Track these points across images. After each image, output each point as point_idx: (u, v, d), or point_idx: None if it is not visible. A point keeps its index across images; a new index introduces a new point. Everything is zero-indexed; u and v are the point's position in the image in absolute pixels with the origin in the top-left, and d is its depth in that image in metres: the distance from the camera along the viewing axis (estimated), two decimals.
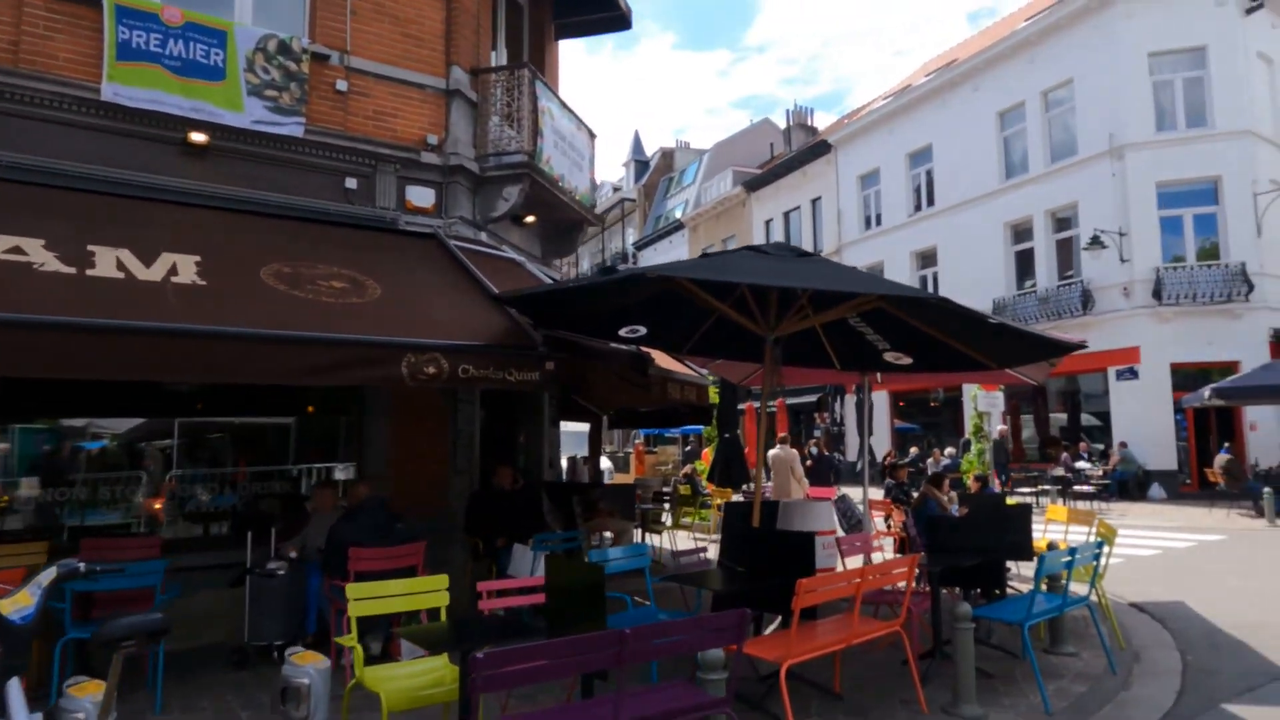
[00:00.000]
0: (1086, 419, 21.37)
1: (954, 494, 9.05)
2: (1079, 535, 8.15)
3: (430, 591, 4.34)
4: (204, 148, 6.90)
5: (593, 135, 10.09)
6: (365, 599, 4.10)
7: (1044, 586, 5.87)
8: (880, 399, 24.89)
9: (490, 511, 7.51)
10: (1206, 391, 15.37)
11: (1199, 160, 18.95)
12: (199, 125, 6.80)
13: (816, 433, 24.33)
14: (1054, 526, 8.69)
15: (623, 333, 7.20)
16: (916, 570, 5.92)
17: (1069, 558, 5.43)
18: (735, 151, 40.17)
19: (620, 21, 10.41)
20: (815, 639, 4.50)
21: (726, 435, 13.52)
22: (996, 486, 17.14)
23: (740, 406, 20.16)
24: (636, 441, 28.53)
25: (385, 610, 4.25)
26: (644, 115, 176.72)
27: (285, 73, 7.19)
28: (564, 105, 9.24)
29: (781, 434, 13.66)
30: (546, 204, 9.09)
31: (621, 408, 13.18)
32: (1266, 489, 14.10)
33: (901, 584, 5.30)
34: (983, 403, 17.51)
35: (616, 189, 49.70)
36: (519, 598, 4.49)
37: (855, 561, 6.83)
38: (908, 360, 7.29)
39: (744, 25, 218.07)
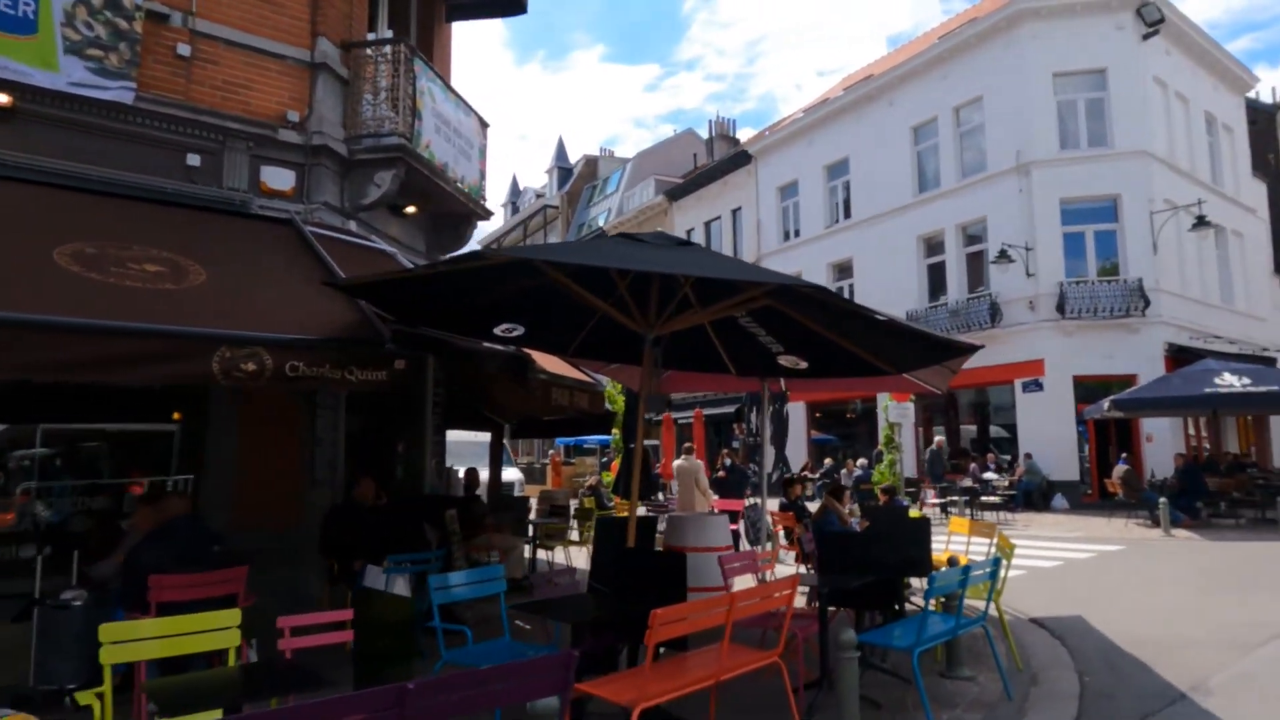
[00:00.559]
0: (995, 430, 21.67)
1: (855, 507, 8.70)
2: (980, 547, 7.88)
3: (215, 630, 3.58)
4: (8, 110, 5.98)
5: (484, 124, 9.45)
6: (121, 642, 3.33)
7: (937, 606, 5.48)
8: (797, 410, 24.79)
9: (349, 528, 6.73)
10: (1106, 403, 15.63)
11: (1100, 179, 19.48)
12: (1, 84, 5.89)
13: (734, 444, 24.00)
14: (956, 539, 8.43)
15: (498, 331, 6.57)
16: (803, 591, 5.47)
17: (962, 577, 5.03)
18: (658, 161, 40.00)
19: (514, 5, 9.82)
20: (678, 676, 3.93)
21: (632, 446, 12.97)
22: (931, 497, 17.08)
23: (658, 417, 19.69)
24: (553, 452, 27.73)
25: (139, 657, 3.47)
26: (572, 125, 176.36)
27: (113, 30, 6.33)
28: (449, 88, 8.57)
29: (688, 444, 13.19)
30: (427, 193, 8.38)
31: (524, 416, 12.49)
32: (1161, 499, 14.34)
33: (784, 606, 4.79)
34: (894, 413, 17.44)
35: (540, 195, 48.92)
36: (328, 635, 3.77)
37: (747, 580, 6.33)
38: (803, 364, 6.88)
39: (674, 40, 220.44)
